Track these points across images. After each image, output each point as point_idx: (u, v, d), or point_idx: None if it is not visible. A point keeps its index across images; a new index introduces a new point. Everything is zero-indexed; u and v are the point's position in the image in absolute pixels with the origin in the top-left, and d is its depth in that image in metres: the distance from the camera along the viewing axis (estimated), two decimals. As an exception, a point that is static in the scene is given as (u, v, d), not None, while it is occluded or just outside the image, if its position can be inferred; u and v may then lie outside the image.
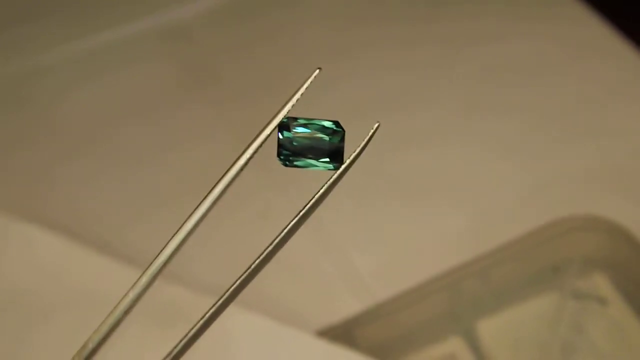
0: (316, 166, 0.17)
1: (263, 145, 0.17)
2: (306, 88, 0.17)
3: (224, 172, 0.16)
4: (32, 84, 0.55)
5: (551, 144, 0.48)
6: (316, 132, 0.17)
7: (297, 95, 0.17)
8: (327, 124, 0.17)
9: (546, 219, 0.40)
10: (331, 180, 0.17)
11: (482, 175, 0.47)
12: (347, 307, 0.40)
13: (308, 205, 0.16)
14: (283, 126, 0.17)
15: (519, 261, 0.39)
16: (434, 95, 0.52)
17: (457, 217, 0.45)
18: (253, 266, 0.16)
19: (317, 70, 0.17)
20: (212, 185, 0.17)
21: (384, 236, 0.44)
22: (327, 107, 0.50)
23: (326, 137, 0.17)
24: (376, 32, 0.58)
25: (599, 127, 0.49)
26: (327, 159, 0.17)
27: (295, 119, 0.17)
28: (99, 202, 0.47)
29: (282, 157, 0.17)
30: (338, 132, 0.17)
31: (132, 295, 0.14)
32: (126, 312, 0.14)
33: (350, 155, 0.17)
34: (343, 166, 0.17)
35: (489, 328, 0.38)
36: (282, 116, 0.17)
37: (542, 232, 0.39)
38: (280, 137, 0.17)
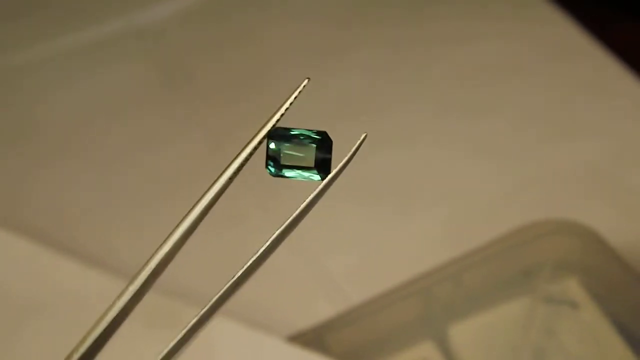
0: (304, 176, 0.17)
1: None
2: (295, 98, 0.16)
3: (211, 183, 0.16)
4: (4, 85, 0.54)
5: (523, 147, 0.48)
6: (304, 142, 0.17)
7: (286, 105, 0.16)
8: (315, 134, 0.17)
9: (518, 223, 0.40)
10: (317, 190, 0.17)
11: (454, 179, 0.47)
12: (318, 311, 0.39)
13: (294, 216, 0.16)
14: (271, 136, 0.17)
15: (491, 265, 0.39)
16: (406, 97, 0.52)
17: (429, 221, 0.44)
18: (237, 277, 0.16)
19: (306, 80, 0.16)
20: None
21: (356, 239, 0.44)
22: (302, 107, 0.50)
23: (314, 148, 0.17)
24: (350, 35, 0.57)
25: (571, 130, 0.49)
26: (315, 170, 0.17)
27: (284, 129, 0.17)
28: (73, 203, 0.46)
29: (270, 167, 0.17)
30: (326, 142, 0.17)
31: (119, 304, 0.14)
32: (115, 323, 0.14)
33: (337, 166, 0.17)
34: (329, 176, 0.17)
35: (461, 332, 0.38)
36: (270, 126, 0.17)
37: (514, 236, 0.39)
38: (269, 147, 0.17)
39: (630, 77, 0.51)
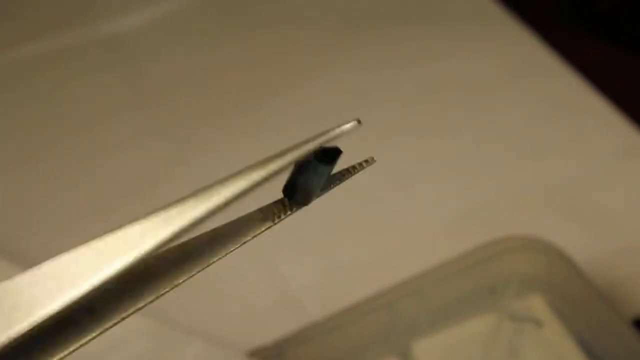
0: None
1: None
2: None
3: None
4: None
5: (488, 164, 0.48)
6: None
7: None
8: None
9: (483, 239, 0.40)
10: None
11: (419, 194, 0.46)
12: (280, 326, 0.38)
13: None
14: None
15: (456, 281, 0.39)
16: (373, 114, 0.52)
17: (393, 236, 0.44)
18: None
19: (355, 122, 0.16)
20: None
21: (319, 253, 0.43)
22: (274, 124, 0.50)
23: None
24: (321, 54, 0.57)
25: (537, 148, 0.49)
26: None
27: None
28: (26, 216, 0.46)
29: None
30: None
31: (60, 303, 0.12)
32: (53, 320, 0.12)
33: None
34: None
35: (424, 348, 0.37)
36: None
37: (479, 253, 0.39)
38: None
39: (596, 96, 0.52)
